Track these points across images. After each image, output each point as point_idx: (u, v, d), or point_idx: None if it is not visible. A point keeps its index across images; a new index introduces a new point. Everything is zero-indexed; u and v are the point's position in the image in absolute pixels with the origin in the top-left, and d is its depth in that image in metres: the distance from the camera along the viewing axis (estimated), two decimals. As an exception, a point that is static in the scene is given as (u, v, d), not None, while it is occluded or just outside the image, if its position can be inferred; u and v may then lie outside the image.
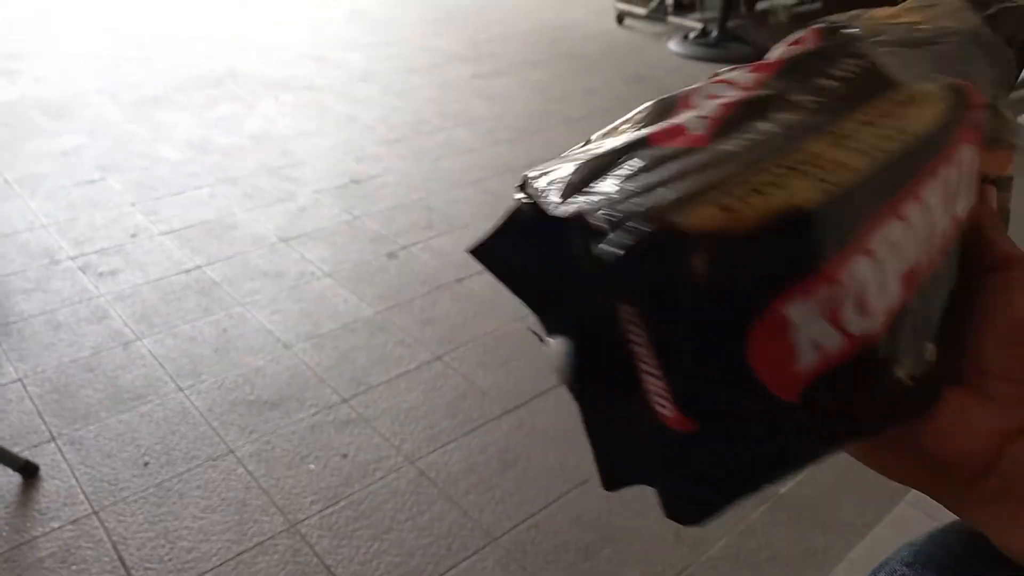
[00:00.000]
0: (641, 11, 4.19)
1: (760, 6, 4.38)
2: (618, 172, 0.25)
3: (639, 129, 0.28)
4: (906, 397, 0.24)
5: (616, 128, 0.30)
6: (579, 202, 0.24)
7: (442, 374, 1.62)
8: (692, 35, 3.90)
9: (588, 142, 0.30)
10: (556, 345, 0.28)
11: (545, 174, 0.28)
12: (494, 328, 1.77)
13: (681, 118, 0.27)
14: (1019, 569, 0.36)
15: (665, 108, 0.29)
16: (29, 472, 1.32)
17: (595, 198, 0.24)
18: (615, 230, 0.22)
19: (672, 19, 4.08)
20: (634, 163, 0.26)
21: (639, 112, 0.30)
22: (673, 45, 3.89)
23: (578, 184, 0.26)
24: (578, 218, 0.24)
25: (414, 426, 1.48)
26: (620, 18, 4.32)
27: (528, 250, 0.28)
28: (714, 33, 3.83)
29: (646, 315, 0.22)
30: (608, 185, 0.25)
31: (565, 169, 0.27)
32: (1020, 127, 0.34)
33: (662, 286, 0.22)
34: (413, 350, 1.69)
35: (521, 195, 0.28)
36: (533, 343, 1.72)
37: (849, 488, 1.37)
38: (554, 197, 0.26)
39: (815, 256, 0.21)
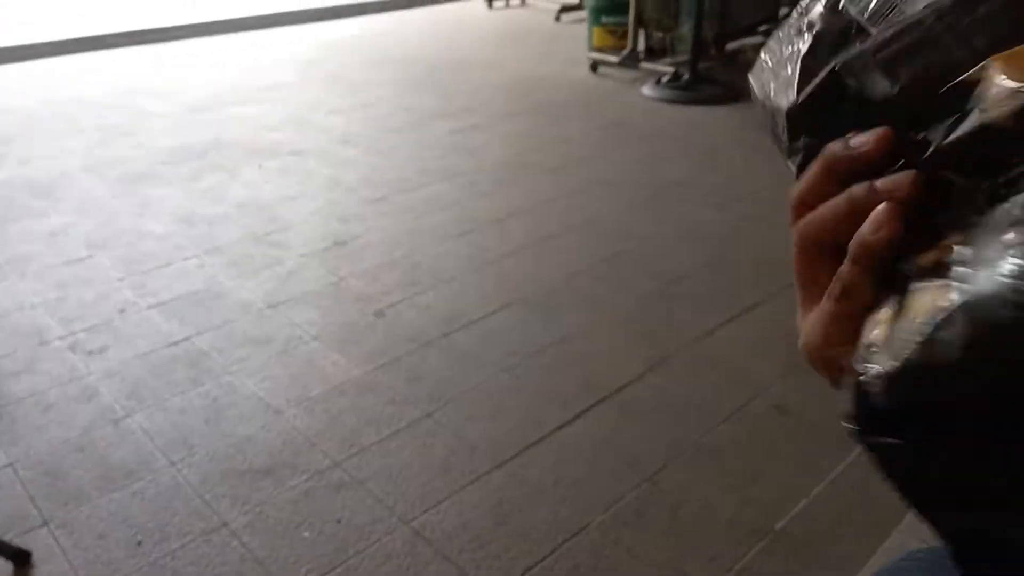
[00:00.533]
0: (614, 59, 4.30)
1: (729, 47, 4.51)
2: None
3: None
4: None
5: None
6: None
7: (432, 431, 1.63)
8: (664, 79, 4.00)
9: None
10: None
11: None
12: (481, 381, 1.78)
13: None
14: None
15: None
16: (21, 559, 1.31)
17: None
18: None
19: (644, 65, 4.19)
20: None
21: None
22: (647, 90, 3.98)
23: None
24: None
25: (407, 485, 1.48)
26: (594, 67, 4.43)
27: None
28: (686, 76, 3.93)
29: None
30: None
31: None
32: None
33: None
34: (403, 408, 1.70)
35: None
36: (521, 394, 1.73)
37: (845, 521, 1.37)
38: None
39: None
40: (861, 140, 0.30)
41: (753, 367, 1.80)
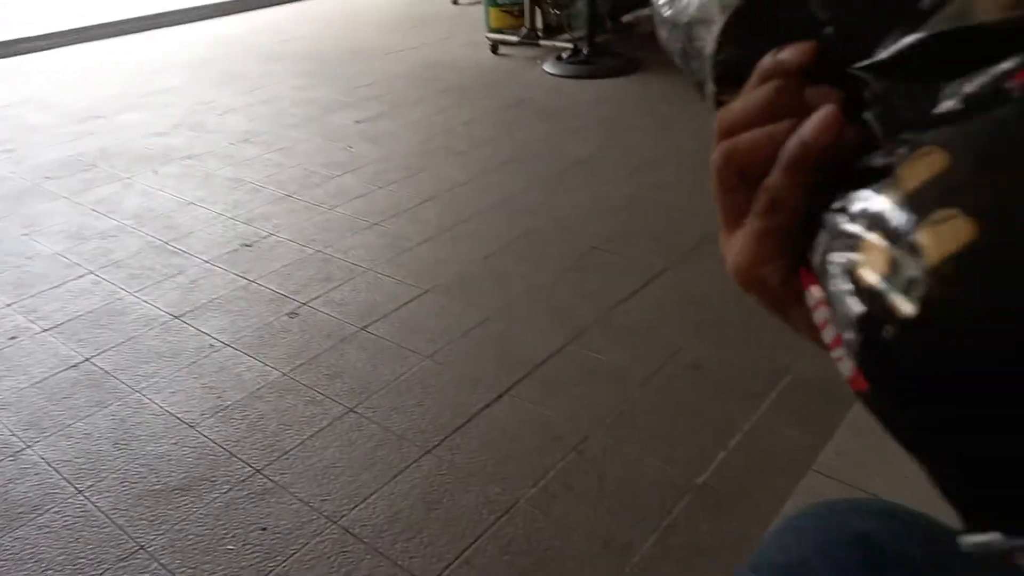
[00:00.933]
0: (513, 38, 4.29)
1: (624, 19, 4.56)
2: None
3: None
4: None
5: None
6: None
7: (356, 425, 1.60)
8: (565, 55, 4.02)
9: None
10: None
11: None
12: (404, 371, 1.76)
13: None
14: (847, 561, 0.39)
15: None
16: (-82, 611, 1.23)
17: None
18: None
19: (543, 42, 4.20)
20: None
21: None
22: (547, 67, 4.00)
23: None
24: None
25: (333, 484, 1.45)
26: (494, 48, 4.41)
27: None
28: (584, 51, 3.96)
29: None
30: None
31: None
32: None
33: None
34: (324, 407, 1.66)
35: None
36: (444, 379, 1.72)
37: (761, 470, 1.42)
38: None
39: None
40: (790, 51, 0.28)
41: (666, 330, 1.85)
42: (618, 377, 1.69)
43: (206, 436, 1.59)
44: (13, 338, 1.95)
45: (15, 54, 4.99)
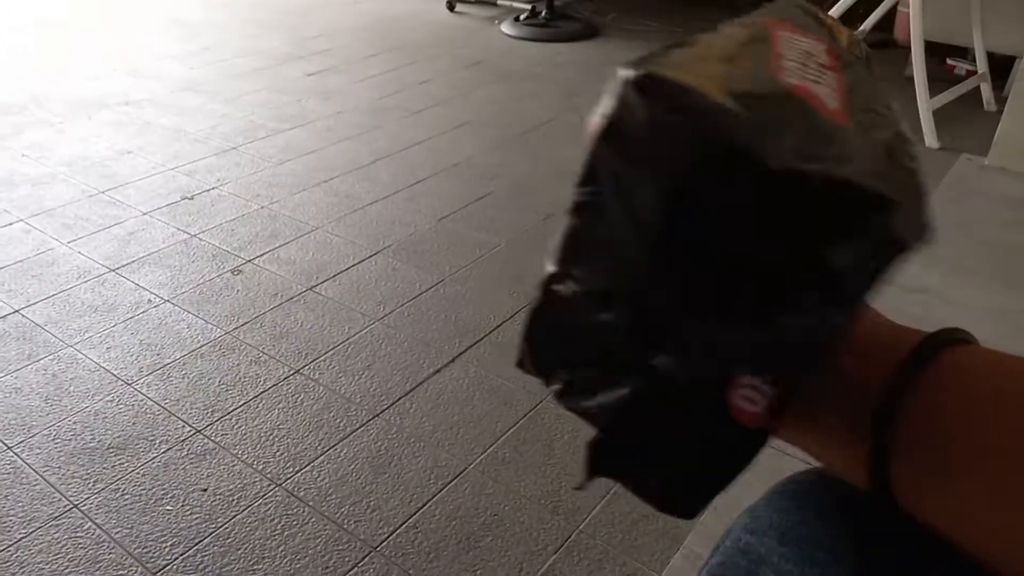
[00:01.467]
0: (471, -4, 4.19)
1: (585, -16, 4.50)
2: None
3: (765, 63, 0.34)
4: None
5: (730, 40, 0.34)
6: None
7: (302, 387, 1.56)
8: (523, 16, 3.95)
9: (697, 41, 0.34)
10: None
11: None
12: (353, 333, 1.72)
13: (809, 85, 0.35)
14: (844, 526, 0.39)
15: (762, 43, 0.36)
16: None
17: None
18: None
19: (501, 2, 4.11)
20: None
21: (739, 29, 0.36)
22: (505, 28, 3.92)
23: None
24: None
25: (277, 446, 1.42)
26: (451, 5, 4.31)
27: None
28: (543, 13, 3.90)
29: None
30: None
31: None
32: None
33: None
34: (269, 367, 1.62)
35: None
36: (394, 342, 1.70)
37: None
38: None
39: None
40: None
41: (620, 298, 1.85)
42: (570, 344, 1.69)
43: (143, 394, 1.53)
44: (-67, 287, 1.84)
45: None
